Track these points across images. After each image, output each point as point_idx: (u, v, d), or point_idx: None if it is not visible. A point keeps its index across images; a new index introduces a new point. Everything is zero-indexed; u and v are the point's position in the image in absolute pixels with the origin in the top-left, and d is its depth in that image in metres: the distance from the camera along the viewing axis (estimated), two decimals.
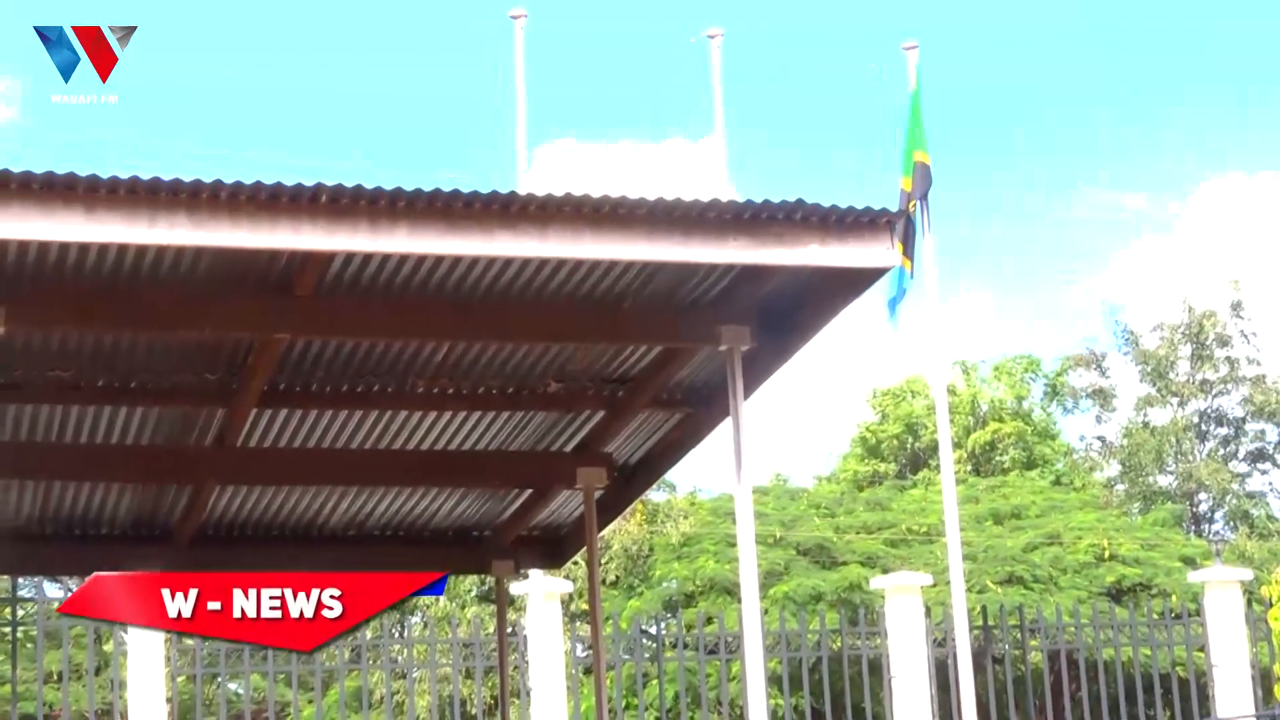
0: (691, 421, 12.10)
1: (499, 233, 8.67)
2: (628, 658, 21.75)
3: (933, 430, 35.18)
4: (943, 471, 19.11)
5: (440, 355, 10.84)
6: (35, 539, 13.72)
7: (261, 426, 11.77)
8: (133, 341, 10.35)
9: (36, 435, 11.67)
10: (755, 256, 9.04)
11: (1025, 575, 28.67)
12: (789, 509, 32.80)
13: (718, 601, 26.77)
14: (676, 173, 57.65)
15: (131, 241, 8.46)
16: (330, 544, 14.42)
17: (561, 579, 21.23)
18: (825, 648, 21.92)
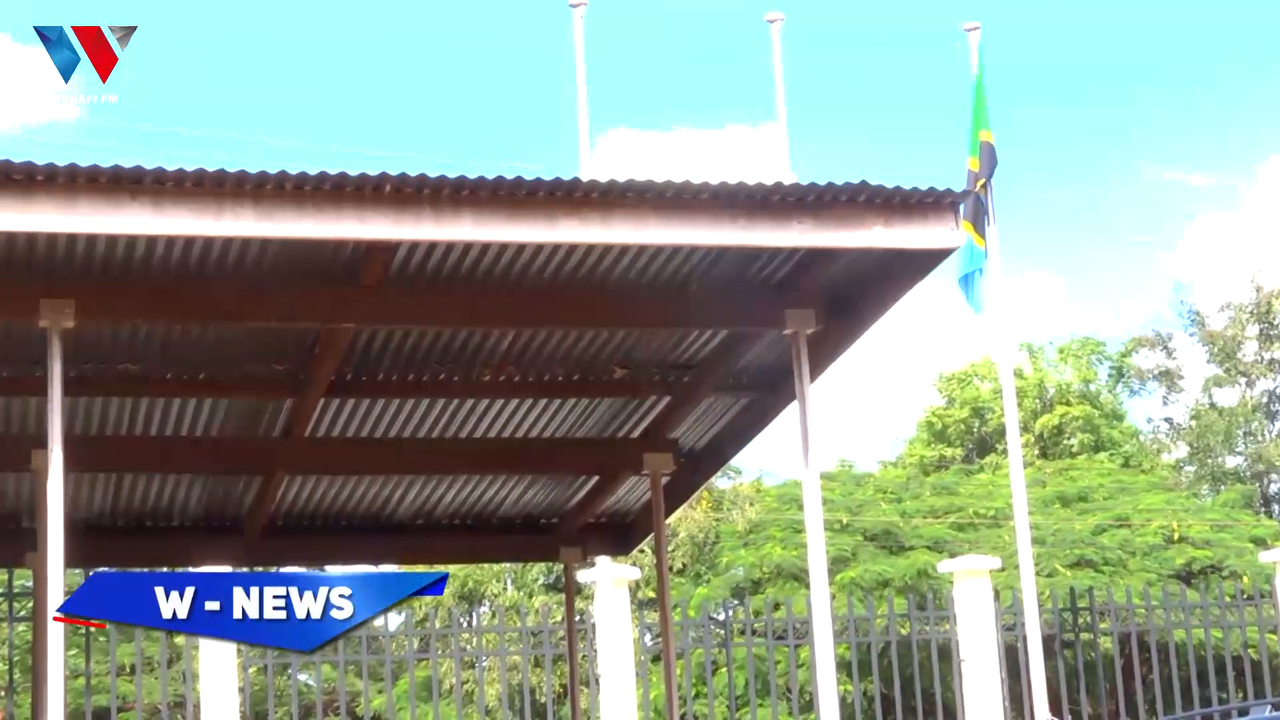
0: (757, 406, 12.09)
1: (563, 219, 8.70)
2: (697, 645, 21.76)
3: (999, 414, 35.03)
4: (1010, 455, 19.04)
5: (505, 343, 10.86)
6: (107, 532, 13.82)
7: (329, 416, 11.82)
8: (201, 333, 10.42)
9: (107, 428, 11.76)
10: (819, 239, 9.04)
11: (1094, 558, 28.51)
12: (855, 494, 32.72)
13: (785, 588, 26.73)
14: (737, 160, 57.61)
15: (199, 234, 8.53)
16: (399, 534, 14.49)
17: (629, 566, 21.24)
18: (894, 633, 21.86)
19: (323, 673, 21.86)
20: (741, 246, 9.21)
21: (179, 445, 12.11)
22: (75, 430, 11.18)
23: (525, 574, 29.98)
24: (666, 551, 13.25)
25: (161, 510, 13.74)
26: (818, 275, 9.82)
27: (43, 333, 8.91)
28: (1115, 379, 46.16)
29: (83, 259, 8.99)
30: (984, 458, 41.55)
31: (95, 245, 8.84)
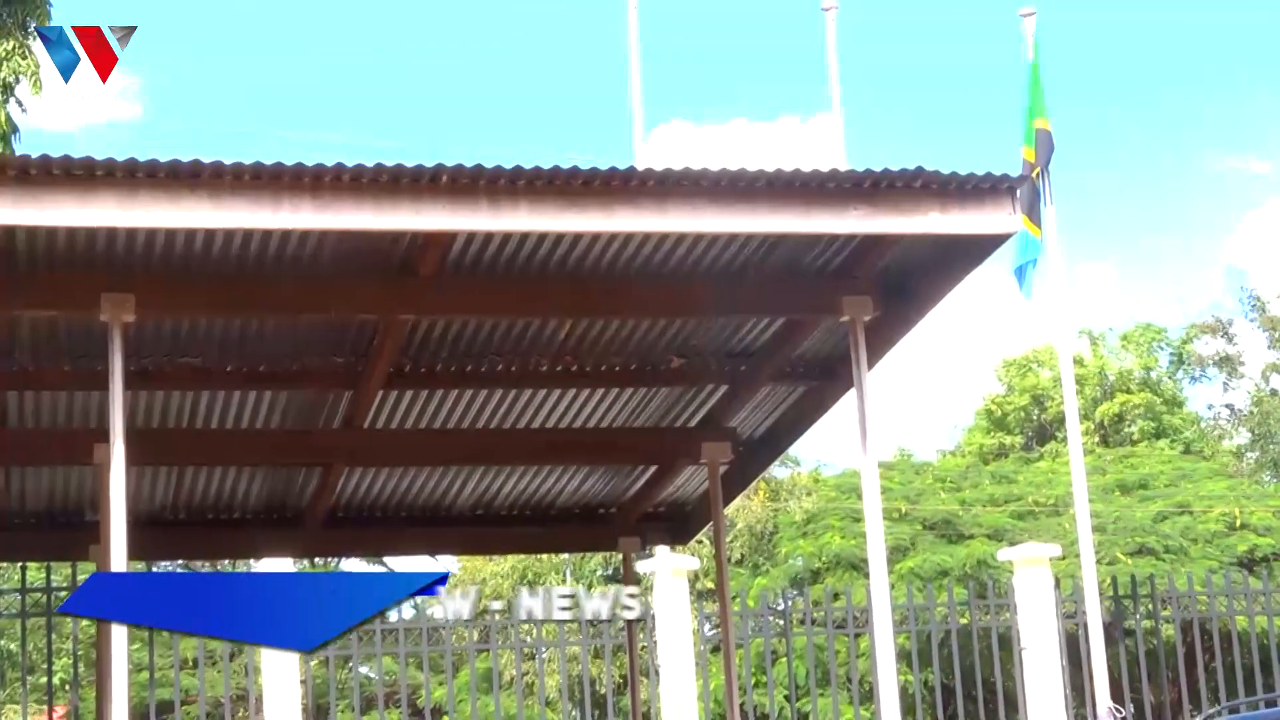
0: (814, 394, 12.09)
1: (619, 208, 8.72)
2: (756, 635, 21.74)
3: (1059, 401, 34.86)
4: (1070, 442, 18.96)
5: (563, 333, 10.89)
6: (169, 525, 13.91)
7: (388, 408, 11.88)
8: (260, 326, 10.48)
9: (168, 422, 11.85)
10: (876, 226, 9.04)
11: (1155, 546, 28.31)
12: (914, 483, 32.61)
13: (844, 577, 26.66)
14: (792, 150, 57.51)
15: (257, 226, 8.60)
16: (458, 525, 14.54)
17: (687, 556, 21.24)
18: (954, 622, 21.81)
19: (384, 665, 21.95)
20: (798, 234, 9.23)
21: (239, 438, 12.19)
22: (137, 424, 11.25)
23: (584, 565, 30.00)
24: (725, 541, 13.25)
25: (223, 503, 13.82)
26: (874, 262, 9.82)
27: (104, 327, 8.99)
28: (1175, 366, 45.90)
29: (142, 253, 9.06)
30: (1044, 445, 41.37)
31: (155, 240, 8.91)
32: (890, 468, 33.87)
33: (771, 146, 61.26)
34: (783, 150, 60.69)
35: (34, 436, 11.90)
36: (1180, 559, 27.66)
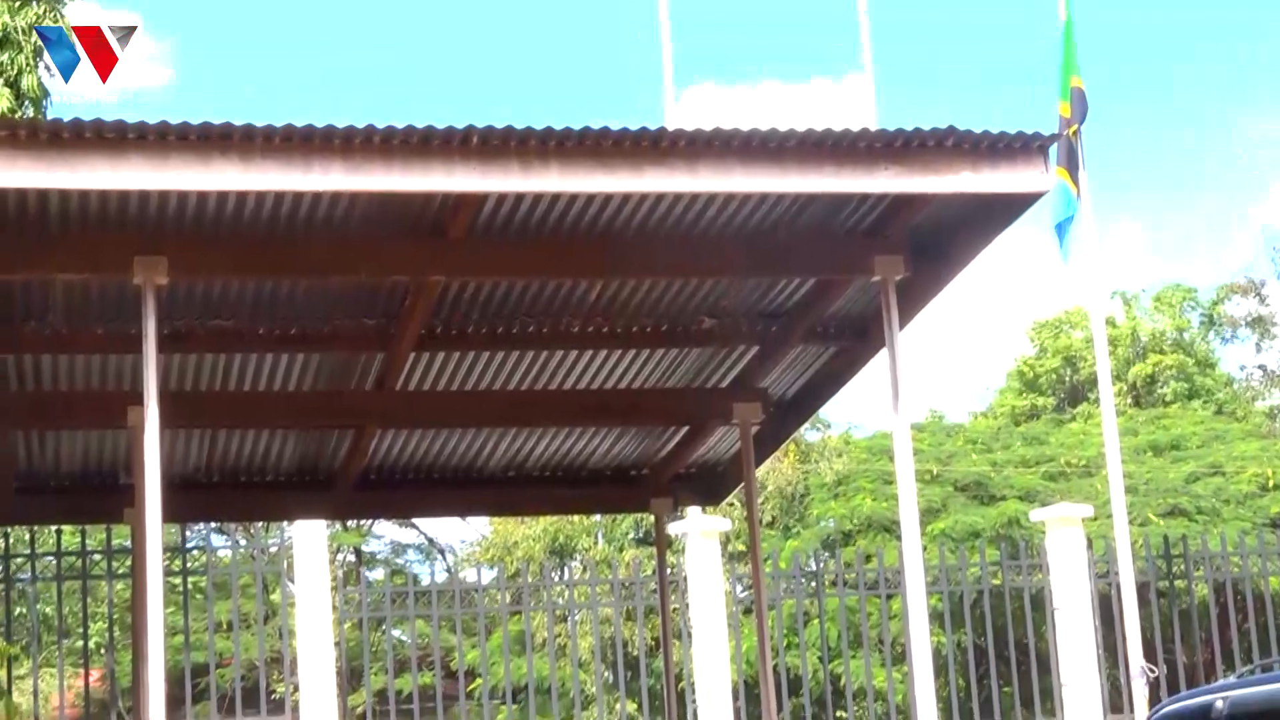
0: (846, 354, 12.08)
1: (649, 169, 8.71)
2: (788, 597, 21.76)
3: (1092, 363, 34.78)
4: (1103, 403, 18.91)
5: (593, 294, 10.89)
6: (202, 488, 13.97)
7: (420, 369, 11.90)
8: (292, 288, 10.50)
9: (201, 384, 11.88)
10: (907, 185, 9.02)
11: (1188, 507, 28.28)
12: (945, 445, 32.60)
13: (875, 539, 26.67)
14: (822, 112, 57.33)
15: (288, 189, 8.63)
16: (489, 486, 14.57)
17: (719, 518, 21.25)
18: (986, 583, 21.79)
19: (417, 628, 22.03)
20: (829, 194, 9.23)
21: (272, 400, 12.21)
22: (170, 387, 11.29)
23: (615, 528, 30.05)
24: (757, 501, 13.25)
25: (255, 465, 13.87)
26: (906, 221, 9.80)
27: (137, 290, 9.02)
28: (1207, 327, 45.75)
29: (174, 216, 9.09)
30: (1075, 407, 41.31)
31: (186, 202, 8.94)
32: (921, 429, 33.88)
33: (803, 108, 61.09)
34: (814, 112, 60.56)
35: (68, 399, 11.95)
36: (1212, 520, 27.63)
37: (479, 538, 35.22)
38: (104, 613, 22.03)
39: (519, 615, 22.94)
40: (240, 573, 20.16)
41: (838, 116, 45.32)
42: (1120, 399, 36.49)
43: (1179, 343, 43.51)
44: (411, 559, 37.21)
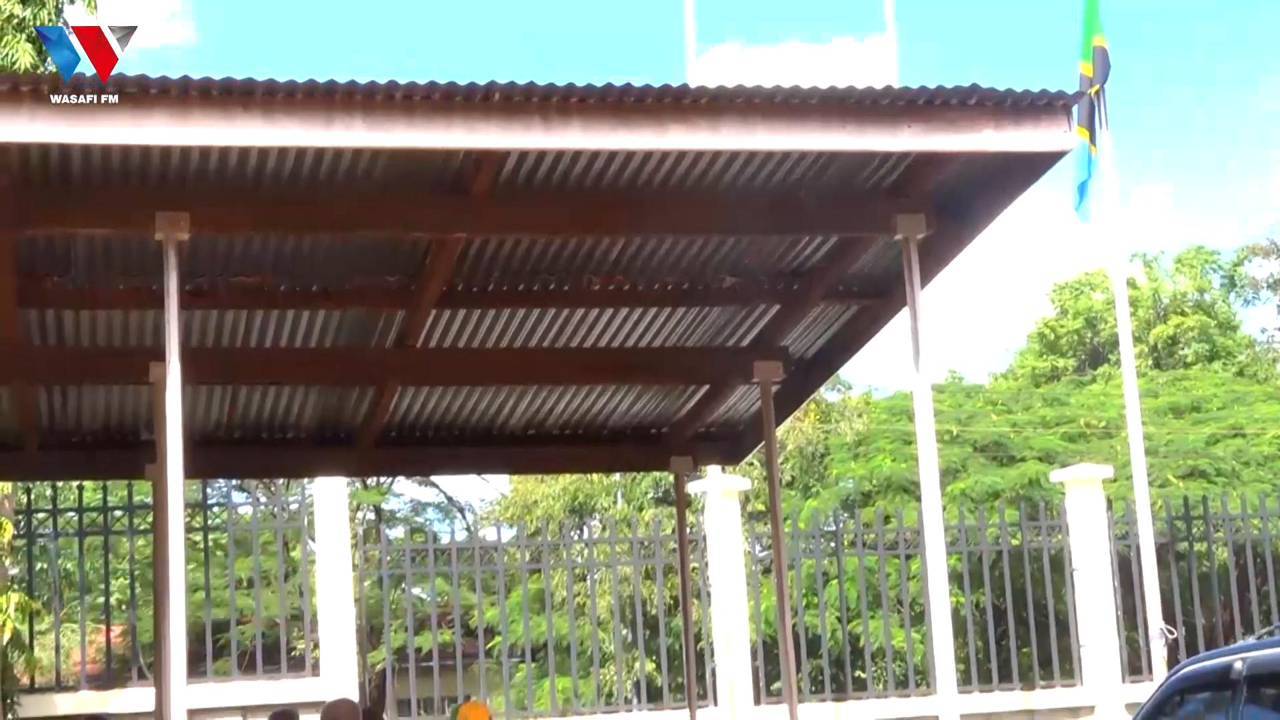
0: (867, 313, 12.07)
1: (671, 126, 8.69)
2: (807, 556, 21.79)
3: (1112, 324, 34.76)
4: (1124, 365, 18.90)
5: (615, 252, 10.89)
6: (224, 444, 13.99)
7: (441, 327, 11.90)
8: (313, 245, 10.50)
9: (222, 341, 11.89)
10: (930, 143, 8.99)
11: (1208, 469, 28.25)
12: (965, 406, 32.57)
13: (895, 500, 26.69)
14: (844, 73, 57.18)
15: (309, 145, 8.61)
16: (510, 445, 14.59)
17: (739, 477, 21.28)
18: (1005, 543, 21.80)
19: (436, 586, 22.08)
20: (851, 151, 9.19)
21: (293, 357, 12.22)
22: (191, 343, 11.31)
23: (635, 487, 30.09)
24: (777, 460, 13.25)
25: (277, 423, 13.90)
26: (928, 180, 9.78)
27: (158, 245, 9.01)
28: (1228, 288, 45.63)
29: (196, 172, 9.09)
30: (1096, 368, 41.27)
31: (208, 158, 8.94)
32: (941, 390, 33.86)
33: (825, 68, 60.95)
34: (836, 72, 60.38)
35: (90, 355, 11.97)
36: (1232, 482, 27.60)
37: (498, 496, 35.32)
38: (125, 569, 22.13)
39: (538, 574, 23.01)
40: (261, 530, 20.22)
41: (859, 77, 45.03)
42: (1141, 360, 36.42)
43: (1200, 304, 43.41)
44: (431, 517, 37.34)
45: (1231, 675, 11.07)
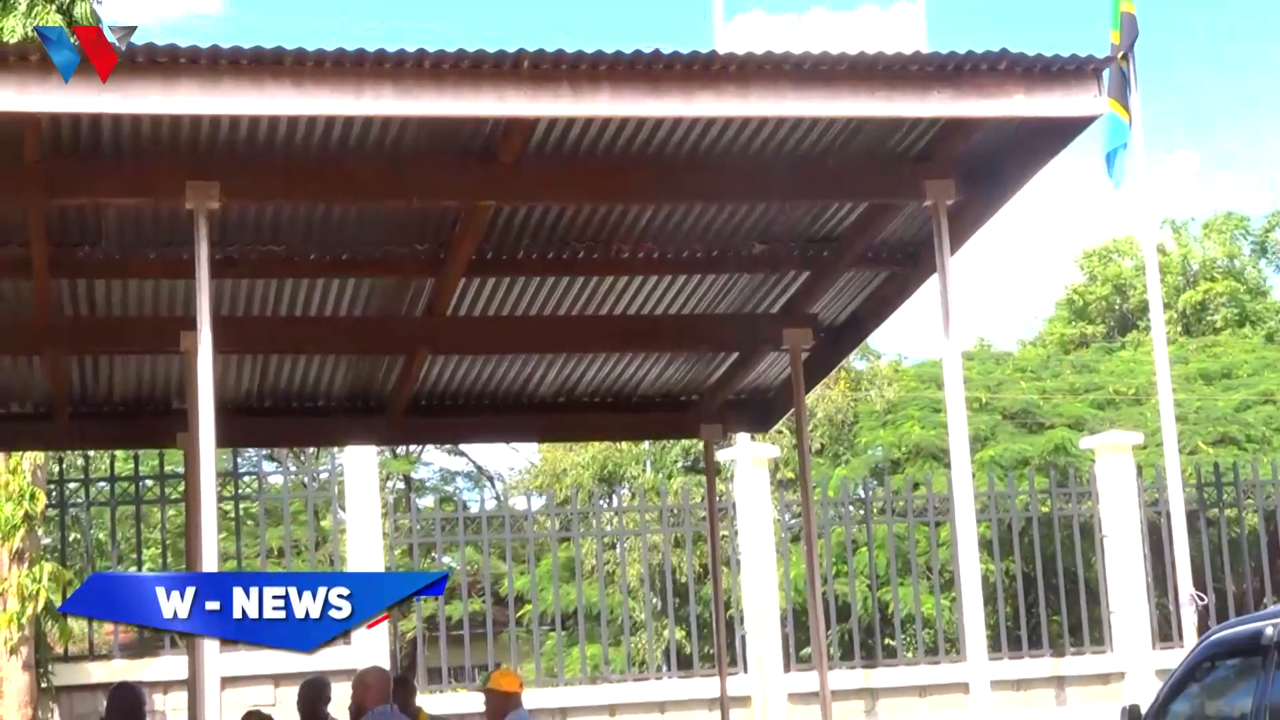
0: (897, 280, 12.06)
1: (700, 93, 8.70)
2: (837, 524, 21.81)
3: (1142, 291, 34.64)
4: (1154, 331, 18.86)
5: (644, 219, 10.89)
6: (255, 413, 14.04)
7: (470, 295, 11.92)
8: (343, 213, 10.52)
9: (253, 309, 11.93)
10: (959, 109, 8.98)
11: (1238, 435, 28.19)
12: (994, 373, 32.52)
13: (924, 467, 26.67)
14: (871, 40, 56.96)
15: (339, 113, 8.63)
16: (540, 412, 14.62)
17: (768, 445, 21.28)
18: (1035, 510, 21.79)
19: (466, 555, 22.16)
20: (880, 118, 9.17)
21: (323, 326, 12.26)
22: (222, 312, 11.34)
23: (664, 456, 30.11)
24: (807, 427, 13.26)
25: (308, 391, 13.94)
26: (958, 146, 9.76)
27: (189, 215, 9.03)
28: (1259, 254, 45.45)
29: (226, 141, 9.11)
30: (1125, 335, 41.16)
31: (238, 127, 8.95)
32: (970, 357, 33.81)
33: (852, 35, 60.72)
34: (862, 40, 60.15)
35: (121, 325, 12.01)
36: (1263, 448, 27.54)
37: (528, 465, 35.39)
38: (157, 538, 22.23)
39: (568, 542, 23.06)
40: (291, 499, 20.30)
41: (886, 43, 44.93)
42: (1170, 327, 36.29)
43: (1230, 270, 43.26)
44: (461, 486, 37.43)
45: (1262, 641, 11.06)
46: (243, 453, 22.27)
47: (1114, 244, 43.80)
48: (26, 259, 10.59)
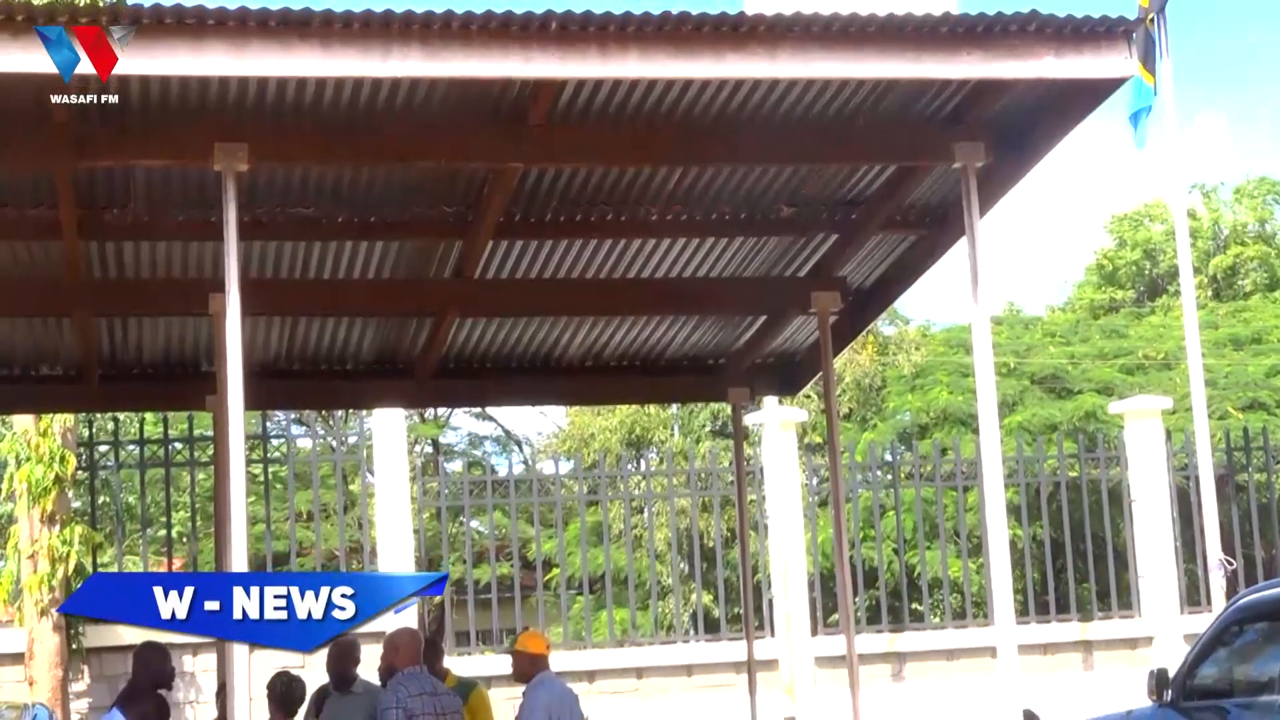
0: (925, 243, 12.03)
1: (729, 55, 8.68)
2: (864, 488, 21.80)
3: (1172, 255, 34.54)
4: (1184, 296, 18.80)
5: (672, 182, 10.87)
6: (283, 375, 14.07)
7: (498, 258, 11.93)
8: (371, 176, 10.53)
9: (281, 272, 11.95)
10: (989, 70, 8.96)
11: (1267, 400, 28.10)
12: (1023, 338, 32.47)
13: (952, 432, 26.64)
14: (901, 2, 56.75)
15: (367, 75, 8.62)
16: (567, 375, 14.63)
17: (795, 409, 21.27)
18: (1064, 474, 21.75)
19: (494, 519, 22.19)
20: (910, 79, 9.16)
21: (351, 288, 12.28)
22: (250, 274, 11.36)
23: (692, 420, 30.12)
24: (835, 391, 13.25)
25: (335, 354, 13.96)
26: (987, 108, 9.74)
27: (217, 177, 9.03)
28: None
29: (254, 102, 9.12)
30: (1155, 300, 41.05)
31: (266, 88, 8.96)
32: (999, 322, 33.77)
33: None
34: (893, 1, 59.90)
35: (150, 287, 12.05)
36: None
37: (555, 429, 35.41)
38: (186, 501, 22.29)
39: (596, 506, 23.10)
40: (320, 463, 20.34)
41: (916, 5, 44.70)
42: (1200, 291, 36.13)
43: (1261, 234, 43.07)
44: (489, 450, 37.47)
45: None
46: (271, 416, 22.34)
47: (1144, 209, 43.65)
48: (56, 221, 10.63)
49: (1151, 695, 12.08)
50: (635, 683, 19.68)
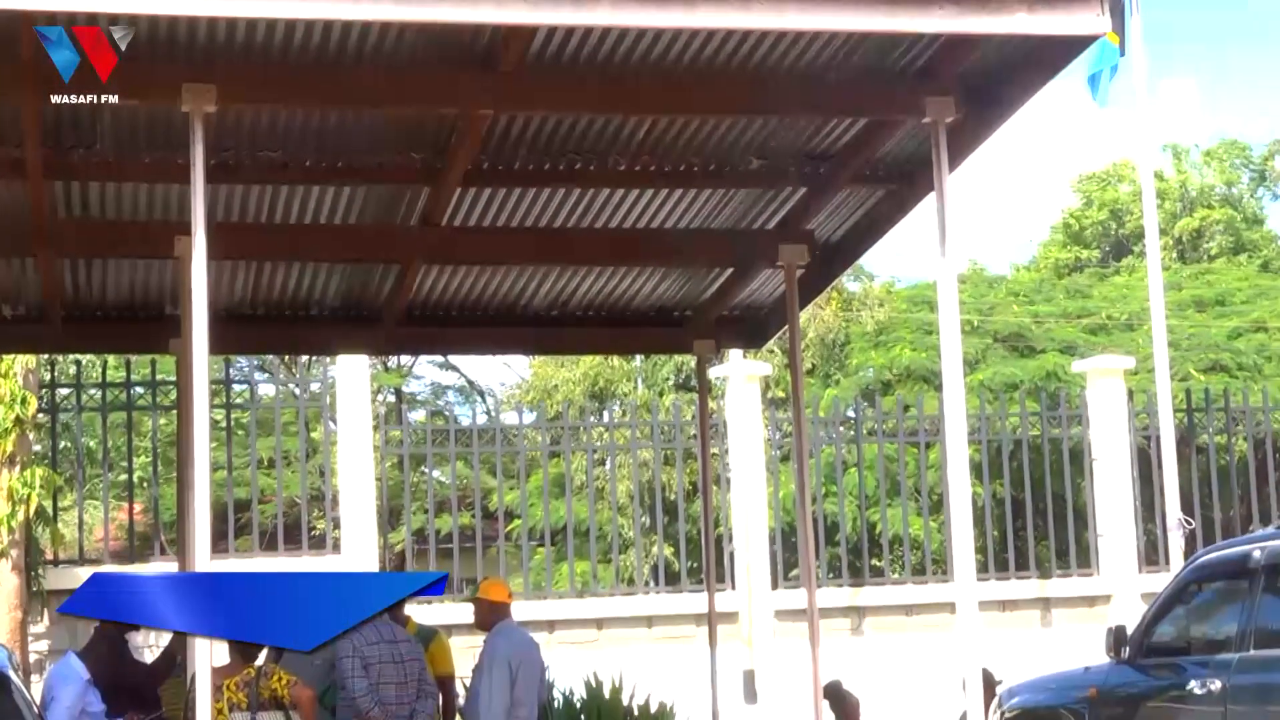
0: (894, 198, 12.02)
1: (701, 4, 8.60)
2: (827, 444, 21.84)
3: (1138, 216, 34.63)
4: (1149, 256, 18.87)
5: (643, 132, 10.84)
6: (247, 320, 14.00)
7: (466, 206, 11.88)
8: (340, 120, 10.47)
9: (247, 216, 11.88)
10: (961, 25, 8.89)
11: (1229, 363, 28.24)
12: (986, 297, 32.55)
13: (914, 389, 26.71)
14: None
15: (337, 17, 8.52)
16: (533, 325, 14.62)
17: (760, 362, 21.30)
18: (1025, 433, 21.83)
19: (456, 469, 22.17)
20: (881, 33, 9.10)
21: (318, 233, 12.22)
22: (216, 218, 11.28)
23: (656, 373, 30.14)
24: (800, 344, 13.25)
25: (300, 299, 13.90)
26: (959, 63, 9.71)
27: (185, 118, 8.97)
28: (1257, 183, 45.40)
29: (224, 43, 9.04)
30: (1120, 260, 41.18)
31: (235, 29, 8.88)
32: (963, 280, 33.81)
33: None
34: None
35: (115, 228, 11.95)
36: (1254, 376, 27.61)
37: (519, 380, 35.40)
38: (148, 446, 22.23)
39: (558, 458, 23.10)
40: (283, 410, 20.32)
41: None
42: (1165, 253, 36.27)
43: (1228, 198, 43.21)
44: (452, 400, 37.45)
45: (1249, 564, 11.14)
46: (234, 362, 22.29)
47: (1112, 168, 43.75)
48: (21, 160, 10.52)
49: (1109, 652, 12.16)
50: (595, 633, 19.75)
